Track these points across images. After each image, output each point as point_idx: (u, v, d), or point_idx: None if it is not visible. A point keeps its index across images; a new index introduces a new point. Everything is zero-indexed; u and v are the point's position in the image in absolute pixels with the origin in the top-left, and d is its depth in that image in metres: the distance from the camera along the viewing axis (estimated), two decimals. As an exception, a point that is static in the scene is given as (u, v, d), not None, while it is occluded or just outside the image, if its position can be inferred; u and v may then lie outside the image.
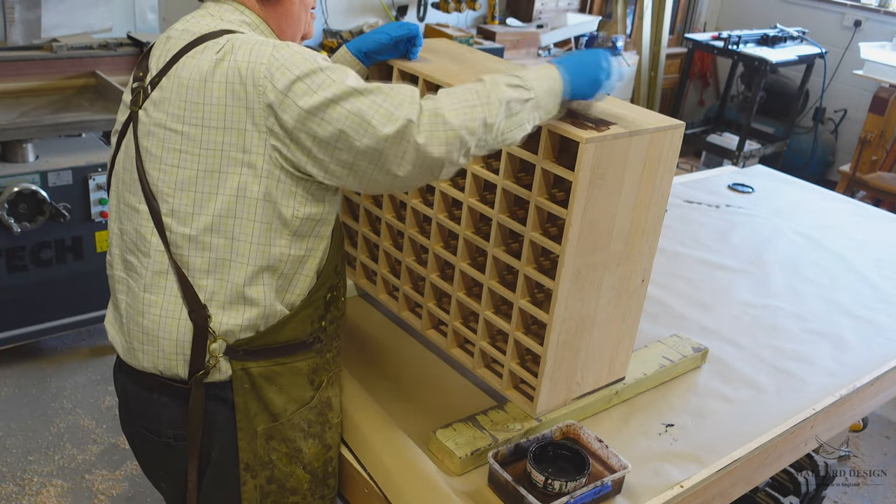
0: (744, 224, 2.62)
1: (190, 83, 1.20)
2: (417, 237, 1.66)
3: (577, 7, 5.16)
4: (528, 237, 1.40)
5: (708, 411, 1.64)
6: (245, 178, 1.20)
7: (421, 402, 1.57)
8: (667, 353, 1.74)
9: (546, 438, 1.41)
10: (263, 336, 1.28)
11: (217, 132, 1.19)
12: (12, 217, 2.60)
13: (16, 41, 3.07)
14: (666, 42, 5.18)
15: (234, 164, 1.20)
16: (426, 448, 1.43)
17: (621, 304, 1.51)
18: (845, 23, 5.41)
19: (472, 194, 1.51)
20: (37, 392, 2.84)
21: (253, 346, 1.28)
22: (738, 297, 2.14)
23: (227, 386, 1.28)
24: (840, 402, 1.76)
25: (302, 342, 1.33)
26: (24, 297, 2.76)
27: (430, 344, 1.74)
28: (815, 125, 5.41)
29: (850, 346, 1.97)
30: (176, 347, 1.26)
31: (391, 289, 1.82)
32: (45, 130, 2.63)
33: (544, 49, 4.59)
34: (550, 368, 1.44)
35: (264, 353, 1.29)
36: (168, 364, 1.28)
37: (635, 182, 1.39)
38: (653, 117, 1.41)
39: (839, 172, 4.67)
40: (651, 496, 1.39)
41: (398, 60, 1.55)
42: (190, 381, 1.27)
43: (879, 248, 2.57)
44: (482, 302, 1.54)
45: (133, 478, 2.49)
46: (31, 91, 2.82)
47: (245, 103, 1.18)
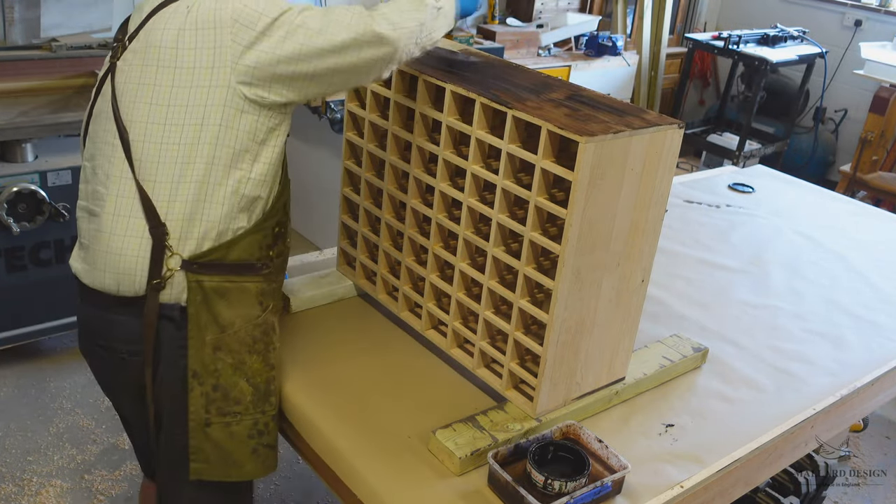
0: (744, 224, 2.62)
1: (164, 32, 1.37)
2: (417, 237, 1.66)
3: (577, 7, 5.15)
4: (528, 237, 1.40)
5: (708, 411, 1.64)
6: (210, 110, 1.36)
7: (421, 402, 1.57)
8: (667, 353, 1.74)
9: (546, 439, 1.41)
10: (215, 251, 1.41)
11: (188, 72, 1.35)
12: (11, 217, 2.60)
13: (15, 41, 3.07)
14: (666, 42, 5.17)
15: (201, 98, 1.35)
16: (426, 448, 1.43)
17: (621, 304, 1.51)
18: (846, 22, 5.41)
19: (471, 194, 1.51)
20: (36, 392, 2.83)
21: (205, 260, 1.41)
22: (738, 297, 2.14)
23: (175, 307, 1.42)
24: (840, 403, 1.76)
25: (251, 265, 1.46)
26: (24, 297, 2.76)
27: (430, 344, 1.73)
28: (815, 125, 5.41)
29: (850, 346, 1.96)
30: (136, 263, 1.40)
31: (391, 289, 1.82)
32: (44, 130, 2.63)
33: (544, 49, 4.59)
34: (550, 368, 1.44)
35: (216, 268, 1.42)
36: (128, 279, 1.41)
37: (635, 182, 1.38)
38: (652, 117, 1.41)
39: (839, 172, 4.66)
40: (651, 496, 1.39)
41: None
42: (147, 290, 1.40)
43: (879, 248, 2.57)
44: (482, 302, 1.53)
45: (133, 478, 2.49)
46: (31, 91, 2.81)
47: (213, 44, 1.34)
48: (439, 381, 1.64)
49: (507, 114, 1.39)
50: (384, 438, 1.46)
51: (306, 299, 1.83)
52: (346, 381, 1.61)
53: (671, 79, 5.73)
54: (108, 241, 1.41)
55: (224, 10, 1.34)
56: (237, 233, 1.43)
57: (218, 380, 1.44)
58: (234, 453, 1.48)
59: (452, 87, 1.48)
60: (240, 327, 1.45)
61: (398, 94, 1.62)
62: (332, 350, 1.70)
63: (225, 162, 1.38)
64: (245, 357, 1.47)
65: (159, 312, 1.42)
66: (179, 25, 1.35)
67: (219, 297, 1.43)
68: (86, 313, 1.53)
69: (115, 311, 1.45)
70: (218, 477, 1.49)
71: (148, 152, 1.38)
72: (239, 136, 1.38)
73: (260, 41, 1.34)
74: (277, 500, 2.52)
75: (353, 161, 1.81)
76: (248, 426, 1.49)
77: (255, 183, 1.43)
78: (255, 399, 1.49)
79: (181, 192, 1.38)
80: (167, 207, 1.38)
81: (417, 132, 1.59)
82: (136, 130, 1.38)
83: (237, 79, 1.35)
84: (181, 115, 1.36)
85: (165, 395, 1.47)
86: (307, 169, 3.87)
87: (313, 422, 1.51)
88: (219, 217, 1.40)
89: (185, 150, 1.37)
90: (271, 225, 1.49)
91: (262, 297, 1.49)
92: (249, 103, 1.38)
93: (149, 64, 1.38)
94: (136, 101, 1.39)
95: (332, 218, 3.70)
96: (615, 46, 4.78)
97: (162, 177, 1.38)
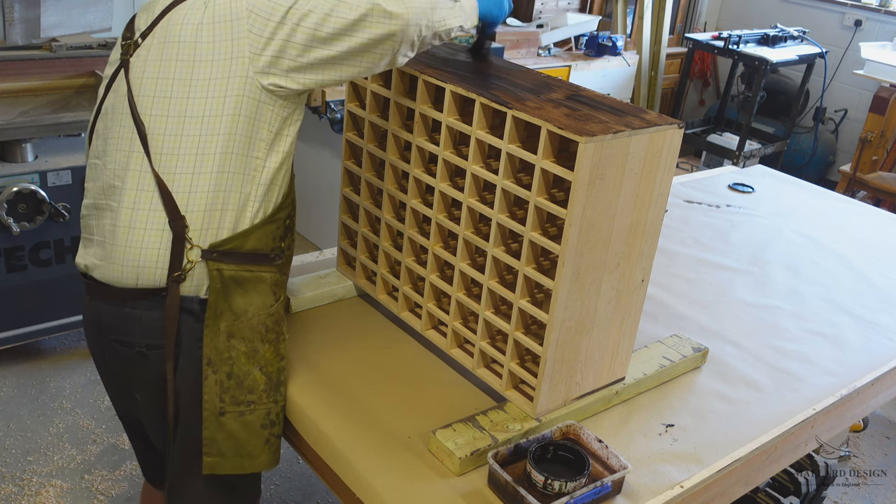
0: (744, 224, 2.62)
1: (183, 27, 1.39)
2: (417, 237, 1.66)
3: (577, 7, 5.15)
4: (528, 237, 1.40)
5: (708, 411, 1.64)
6: (229, 101, 1.38)
7: (421, 403, 1.57)
8: (667, 353, 1.74)
9: (546, 439, 1.41)
10: (232, 240, 1.44)
11: (207, 65, 1.37)
12: (11, 217, 2.60)
13: (15, 41, 3.07)
14: (666, 42, 5.17)
15: (220, 90, 1.37)
16: (426, 448, 1.43)
17: (621, 304, 1.51)
18: (846, 22, 5.41)
19: (471, 194, 1.51)
20: (36, 392, 2.83)
21: (224, 248, 1.43)
22: (738, 297, 2.14)
23: (195, 300, 1.44)
24: (840, 403, 1.76)
25: (265, 255, 1.48)
26: (24, 297, 2.76)
27: (429, 344, 1.73)
28: (815, 125, 5.41)
29: (850, 346, 1.96)
30: (157, 256, 1.41)
31: (391, 289, 1.82)
32: (44, 130, 2.63)
33: (544, 49, 4.59)
34: (550, 368, 1.44)
35: (234, 256, 1.44)
36: (149, 272, 1.42)
37: (635, 182, 1.38)
38: (652, 117, 1.41)
39: (839, 172, 4.66)
40: (651, 496, 1.39)
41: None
42: (168, 283, 1.42)
43: (879, 248, 2.57)
44: (482, 302, 1.53)
45: (133, 478, 2.49)
46: (31, 91, 2.82)
47: (231, 36, 1.37)
48: (439, 381, 1.64)
49: (506, 114, 1.39)
50: (384, 438, 1.46)
51: (306, 299, 1.83)
52: (346, 381, 1.61)
53: (671, 79, 5.73)
54: (127, 236, 1.42)
55: (240, 3, 1.37)
56: (253, 222, 1.45)
57: (232, 367, 1.46)
58: (247, 444, 1.49)
59: (452, 87, 1.48)
60: (253, 315, 1.47)
61: (398, 94, 1.62)
62: (332, 350, 1.70)
63: (242, 152, 1.41)
64: (258, 345, 1.48)
65: (180, 306, 1.44)
66: (198, 21, 1.38)
67: (236, 286, 1.45)
68: (99, 310, 1.52)
69: (132, 306, 1.46)
70: (231, 470, 1.50)
71: (167, 145, 1.39)
72: (256, 125, 1.41)
73: (277, 31, 1.35)
74: (277, 500, 2.52)
75: (353, 161, 1.81)
76: (262, 416, 1.50)
77: (270, 172, 1.45)
78: (267, 388, 1.50)
79: (200, 183, 1.40)
80: (187, 199, 1.40)
81: (417, 132, 1.59)
82: (155, 124, 1.40)
83: (255, 69, 1.37)
84: (200, 107, 1.38)
85: (184, 387, 1.48)
86: (307, 169, 3.87)
87: (313, 422, 1.51)
88: (237, 206, 1.43)
89: (204, 142, 1.39)
90: (283, 216, 1.51)
91: (276, 288, 1.51)
92: (266, 93, 1.40)
93: (167, 59, 1.40)
94: (154, 96, 1.40)
95: (332, 218, 3.71)
96: (615, 46, 4.78)
97: (181, 169, 1.39)
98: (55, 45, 2.96)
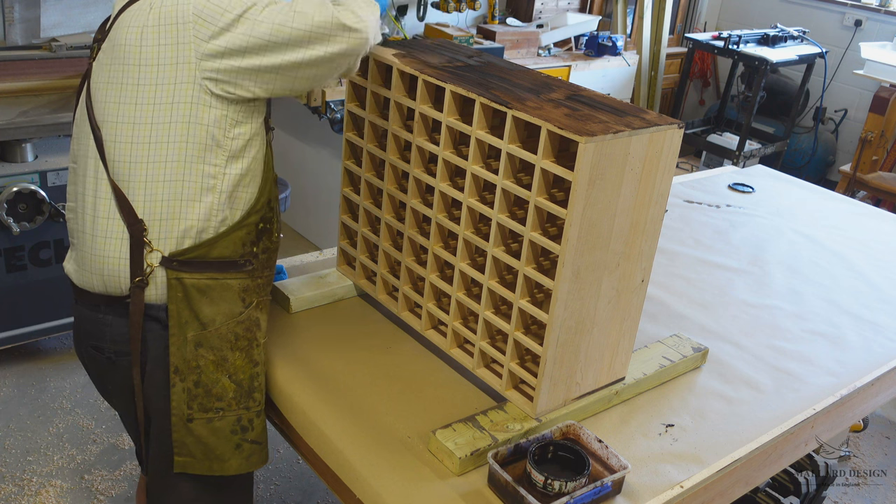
0: (744, 224, 2.62)
1: (129, 30, 1.36)
2: (417, 237, 1.66)
3: (577, 7, 5.15)
4: (528, 237, 1.40)
5: (708, 411, 1.64)
6: (178, 107, 1.35)
7: (421, 403, 1.56)
8: (667, 353, 1.74)
9: (546, 438, 1.41)
10: (196, 249, 1.41)
11: (152, 69, 1.34)
12: (11, 217, 2.60)
13: (15, 41, 3.06)
14: (666, 42, 5.17)
15: (168, 96, 1.35)
16: (426, 448, 1.43)
17: (621, 304, 1.51)
18: (846, 22, 5.41)
19: (471, 194, 1.51)
20: (36, 392, 2.83)
21: (186, 258, 1.41)
22: (738, 297, 2.14)
23: (161, 308, 1.43)
24: (840, 403, 1.76)
25: (233, 262, 1.46)
26: (24, 297, 2.76)
27: (429, 344, 1.73)
28: (815, 125, 5.41)
29: (850, 346, 1.96)
30: (119, 265, 1.41)
31: (391, 289, 1.82)
32: (44, 130, 2.62)
33: (544, 49, 4.59)
34: (550, 368, 1.44)
35: (197, 265, 1.42)
36: (114, 281, 1.42)
37: (635, 182, 1.38)
38: (652, 117, 1.41)
39: (839, 172, 4.66)
40: (651, 496, 1.39)
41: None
42: (130, 288, 1.41)
43: (879, 248, 2.57)
44: (482, 302, 1.53)
45: (133, 478, 2.49)
46: (30, 91, 2.81)
47: (176, 40, 1.33)
48: (439, 381, 1.64)
49: (506, 114, 1.39)
50: (384, 438, 1.46)
51: (306, 299, 1.83)
52: (346, 381, 1.61)
53: (671, 79, 5.73)
54: (92, 243, 1.43)
55: (186, 6, 1.33)
56: (218, 230, 1.43)
57: (199, 376, 1.45)
58: (216, 448, 1.49)
59: (452, 87, 1.48)
60: (221, 324, 1.45)
61: (398, 94, 1.62)
62: (332, 350, 1.70)
63: (197, 159, 1.38)
64: (227, 354, 1.47)
65: (145, 313, 1.43)
66: (142, 23, 1.35)
67: (200, 295, 1.43)
68: (79, 315, 1.54)
69: (103, 312, 1.47)
70: (201, 471, 1.50)
71: (120, 152, 1.38)
72: (209, 132, 1.37)
73: (223, 36, 1.32)
74: (277, 500, 2.52)
75: (353, 161, 1.81)
76: (231, 422, 1.49)
77: (232, 179, 1.42)
78: (237, 395, 1.49)
79: (156, 191, 1.38)
80: (143, 208, 1.38)
81: (417, 132, 1.59)
82: (107, 130, 1.39)
83: (202, 74, 1.34)
84: (148, 113, 1.35)
85: (154, 393, 1.48)
86: (307, 169, 3.87)
87: (313, 422, 1.51)
88: (197, 216, 1.40)
89: (155, 150, 1.36)
90: (254, 221, 1.48)
91: (245, 294, 1.49)
92: (216, 98, 1.37)
93: (115, 63, 1.37)
94: (106, 101, 1.39)
95: (332, 218, 3.71)
96: (615, 46, 4.78)
97: (135, 176, 1.37)
98: (55, 45, 2.96)
